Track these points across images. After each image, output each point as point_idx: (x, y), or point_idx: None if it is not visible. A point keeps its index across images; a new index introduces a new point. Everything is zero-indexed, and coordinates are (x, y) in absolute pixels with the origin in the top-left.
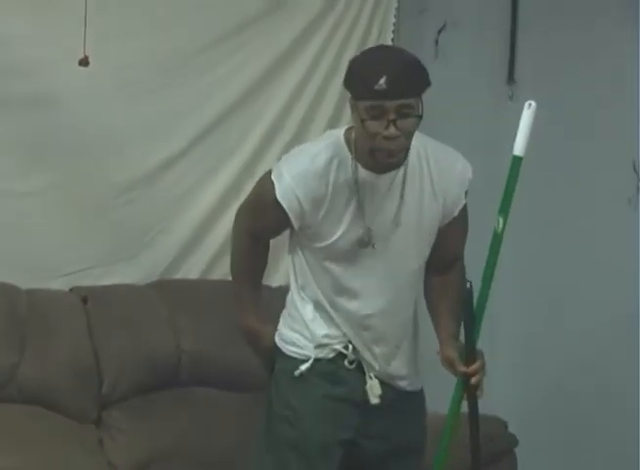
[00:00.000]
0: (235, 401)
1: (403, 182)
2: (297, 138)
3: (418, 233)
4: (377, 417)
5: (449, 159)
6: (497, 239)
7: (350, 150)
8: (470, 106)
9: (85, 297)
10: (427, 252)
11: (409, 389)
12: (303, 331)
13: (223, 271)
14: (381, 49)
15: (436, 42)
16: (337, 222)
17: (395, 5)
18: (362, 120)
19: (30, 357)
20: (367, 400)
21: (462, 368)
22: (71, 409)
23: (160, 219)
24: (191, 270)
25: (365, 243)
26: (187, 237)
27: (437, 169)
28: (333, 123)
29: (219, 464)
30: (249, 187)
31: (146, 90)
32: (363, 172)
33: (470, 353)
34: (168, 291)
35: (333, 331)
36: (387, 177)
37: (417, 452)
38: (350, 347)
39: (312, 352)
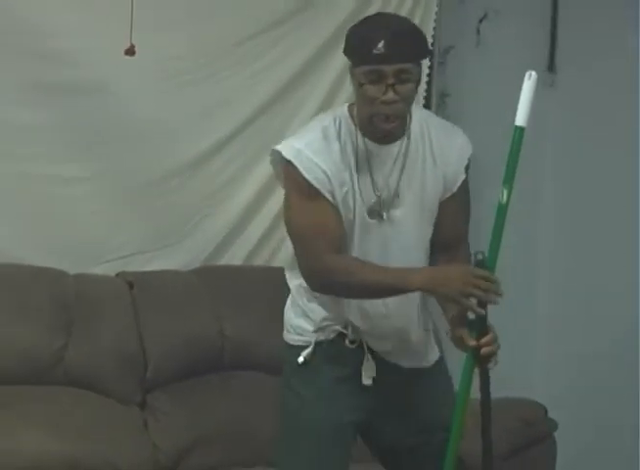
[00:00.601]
0: (277, 385)
1: (405, 153)
2: None
3: (421, 206)
4: (388, 397)
5: (450, 134)
6: (502, 210)
7: (354, 123)
8: (510, 94)
9: (131, 282)
10: (428, 227)
11: (418, 366)
12: (306, 313)
13: (266, 258)
14: (379, 16)
15: (478, 31)
16: (352, 195)
17: (436, 5)
18: (361, 85)
19: (77, 341)
20: (375, 381)
21: (472, 342)
22: (117, 392)
23: (205, 206)
24: (234, 256)
25: (375, 213)
26: (231, 223)
27: (438, 144)
28: None
29: (261, 446)
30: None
31: (191, 79)
32: (369, 144)
33: (482, 326)
34: (212, 277)
35: (335, 311)
36: (391, 149)
37: (445, 429)
38: (350, 327)
39: (313, 337)
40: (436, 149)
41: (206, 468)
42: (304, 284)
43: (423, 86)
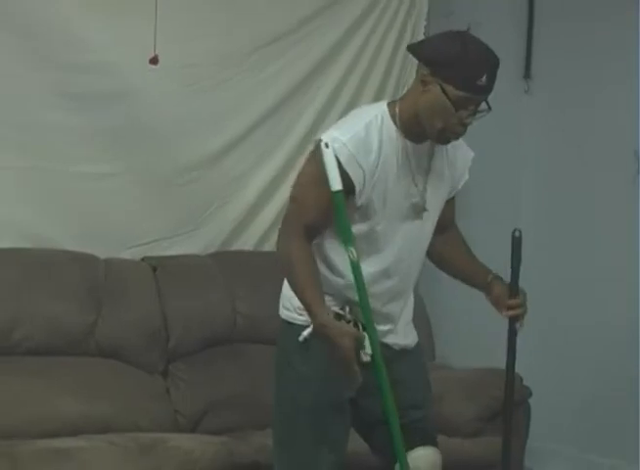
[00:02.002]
0: None
1: (433, 153)
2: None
3: (439, 200)
4: (374, 375)
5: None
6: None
7: (395, 122)
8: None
9: (154, 266)
10: (435, 224)
11: (402, 343)
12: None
13: (273, 244)
14: (477, 43)
15: None
16: (384, 191)
17: (426, 9)
18: (453, 103)
19: (107, 317)
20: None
21: (510, 301)
22: (142, 362)
23: (219, 198)
24: (246, 243)
25: (420, 208)
26: (242, 213)
27: (451, 145)
28: None
29: (270, 410)
30: (295, 173)
31: (208, 85)
32: (408, 143)
33: (514, 290)
34: (226, 261)
35: (334, 290)
36: (423, 148)
37: (420, 408)
38: (347, 308)
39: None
40: (449, 149)
41: (221, 430)
42: (328, 264)
43: None
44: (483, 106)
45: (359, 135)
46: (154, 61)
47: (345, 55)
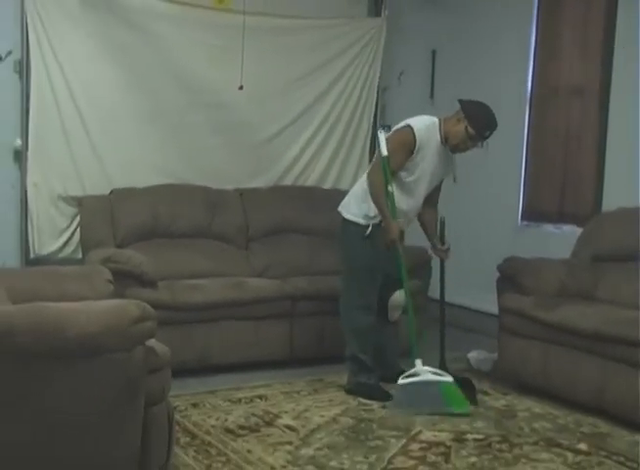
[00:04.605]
0: (312, 240)
1: (446, 153)
2: (324, 143)
3: (438, 177)
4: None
5: None
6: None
7: (440, 131)
8: (413, 108)
9: (241, 193)
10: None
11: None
12: (366, 211)
13: (303, 181)
14: (493, 114)
15: (399, 79)
16: (422, 161)
17: (379, 67)
18: (469, 136)
19: (217, 219)
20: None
21: (441, 247)
22: (235, 242)
23: (274, 158)
24: (288, 181)
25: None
26: (285, 167)
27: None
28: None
29: (305, 266)
30: (313, 147)
31: (267, 101)
32: (440, 143)
33: (443, 243)
34: (278, 190)
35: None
36: (445, 148)
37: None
38: (397, 219)
39: (372, 221)
40: (451, 157)
41: (276, 276)
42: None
43: (373, 104)
44: (479, 144)
45: (423, 130)
46: (240, 88)
47: (336, 89)
